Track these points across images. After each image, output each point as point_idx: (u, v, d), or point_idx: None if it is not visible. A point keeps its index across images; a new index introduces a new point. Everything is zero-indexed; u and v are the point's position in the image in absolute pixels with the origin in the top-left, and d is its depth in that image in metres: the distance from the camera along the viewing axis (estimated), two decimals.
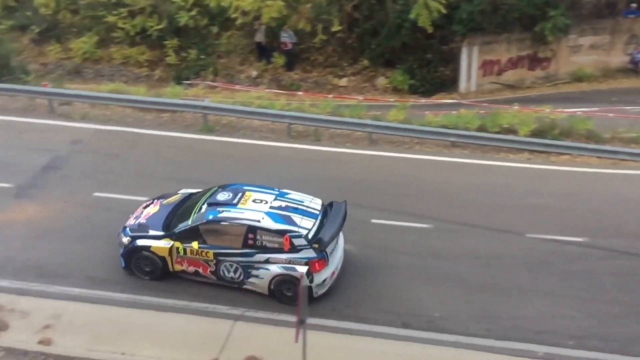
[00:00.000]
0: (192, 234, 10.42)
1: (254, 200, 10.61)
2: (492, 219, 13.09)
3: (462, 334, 10.13)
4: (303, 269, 10.04)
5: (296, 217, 10.40)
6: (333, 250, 10.63)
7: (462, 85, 23.99)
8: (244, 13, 22.64)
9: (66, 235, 11.85)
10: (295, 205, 10.70)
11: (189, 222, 10.53)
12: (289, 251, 10.12)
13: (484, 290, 11.10)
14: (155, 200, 11.75)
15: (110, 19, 24.45)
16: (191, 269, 10.64)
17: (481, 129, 17.09)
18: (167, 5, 24.73)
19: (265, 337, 9.87)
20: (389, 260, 11.73)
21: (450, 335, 10.09)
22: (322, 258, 10.21)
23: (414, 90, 23.61)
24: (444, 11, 21.86)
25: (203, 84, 23.04)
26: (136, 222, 11.09)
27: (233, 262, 10.35)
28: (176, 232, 10.55)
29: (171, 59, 24.51)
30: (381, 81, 24.23)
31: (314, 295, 10.29)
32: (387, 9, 23.95)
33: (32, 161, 14.13)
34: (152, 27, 24.26)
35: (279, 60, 24.36)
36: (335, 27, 23.46)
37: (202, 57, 24.47)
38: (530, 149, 16.54)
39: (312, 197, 11.18)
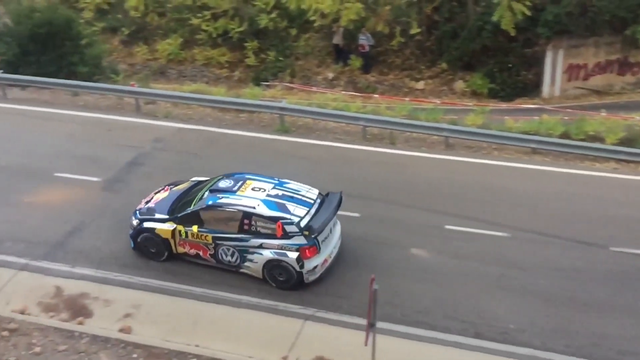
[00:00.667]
0: (193, 218, 10.94)
1: (252, 189, 11.06)
2: (573, 230, 12.51)
3: (538, 349, 9.75)
4: (294, 255, 10.44)
5: (290, 205, 10.76)
6: (326, 238, 10.86)
7: (545, 90, 23.11)
8: (323, 15, 22.83)
9: None
10: (291, 194, 11.05)
11: (191, 207, 11.08)
12: (282, 237, 10.50)
13: (563, 304, 10.63)
14: (167, 187, 12.39)
15: (195, 21, 25.38)
16: (193, 251, 11.15)
17: (565, 135, 16.39)
18: (248, 8, 25.37)
19: (335, 338, 9.90)
20: (463, 268, 11.46)
21: (526, 349, 9.74)
22: (313, 245, 10.51)
23: (493, 95, 23.00)
24: (528, 13, 21.16)
25: (281, 85, 23.47)
26: (145, 206, 11.73)
27: (230, 246, 10.79)
28: (179, 216, 11.10)
29: (250, 60, 25.12)
30: (459, 85, 23.75)
31: (305, 281, 10.70)
32: (469, 11, 23.46)
33: (118, 157, 14.82)
34: (233, 29, 24.98)
35: (355, 62, 24.40)
36: (414, 30, 23.23)
37: (281, 58, 24.91)
38: (618, 158, 15.68)
39: (309, 187, 11.46)
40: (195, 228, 10.90)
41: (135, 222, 11.52)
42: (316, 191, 11.39)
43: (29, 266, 11.25)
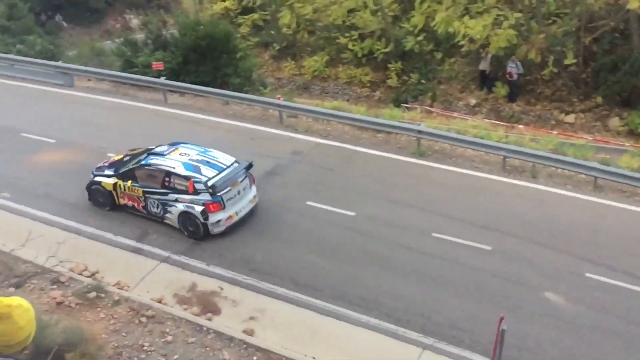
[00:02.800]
0: (129, 174, 13.05)
1: (180, 154, 13.05)
2: None
3: None
4: (199, 208, 12.27)
5: (204, 168, 12.62)
6: (231, 198, 12.55)
7: None
8: (472, 40, 22.36)
9: (276, 238, 12.79)
10: (209, 160, 12.92)
11: (130, 165, 13.17)
12: (192, 193, 12.37)
13: None
14: (127, 152, 14.29)
15: (342, 40, 26.11)
16: (130, 203, 13.17)
17: None
18: (395, 30, 25.62)
19: None
20: (602, 322, 10.52)
21: None
22: (217, 202, 12.30)
23: None
24: None
25: (420, 108, 23.33)
26: (101, 165, 13.85)
27: (155, 199, 12.76)
28: (120, 172, 13.22)
29: (392, 81, 25.26)
30: (615, 122, 22.02)
31: (211, 233, 12.48)
32: (633, 43, 21.73)
33: (258, 165, 15.36)
34: (378, 50, 25.34)
35: (500, 90, 23.59)
36: (569, 60, 21.99)
37: (423, 81, 24.79)
38: None
39: (228, 155, 13.29)
40: (129, 183, 12.98)
41: (91, 177, 13.61)
42: (232, 159, 13.19)
43: (169, 259, 12.12)
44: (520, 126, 21.48)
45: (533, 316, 10.63)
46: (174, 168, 12.59)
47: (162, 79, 19.72)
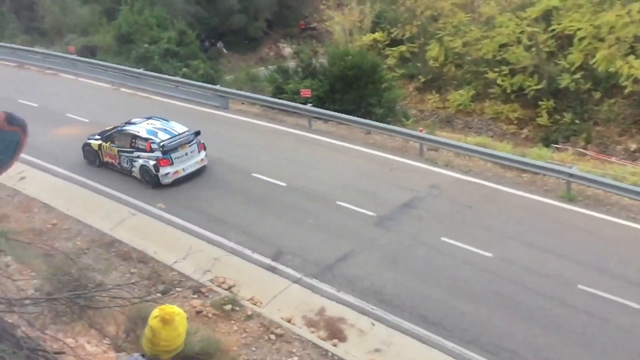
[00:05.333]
0: (109, 137, 16.66)
1: (147, 123, 16.50)
2: None
3: None
4: (152, 163, 15.62)
5: (161, 133, 16.02)
6: (178, 157, 15.79)
7: None
8: (636, 81, 20.66)
9: (408, 271, 12.55)
10: (166, 128, 16.30)
11: (111, 131, 16.79)
12: (149, 151, 15.74)
13: None
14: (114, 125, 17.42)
15: (491, 75, 25.41)
16: (110, 160, 16.70)
17: None
18: (550, 67, 24.47)
19: None
20: None
21: None
22: (167, 158, 15.64)
23: None
24: None
25: (572, 149, 21.91)
26: (94, 133, 17.30)
27: (126, 157, 16.21)
28: (104, 136, 16.82)
29: (542, 120, 24.07)
30: None
31: (161, 183, 15.74)
32: None
33: (395, 196, 15.44)
34: (530, 86, 24.33)
35: None
36: None
37: (577, 121, 23.35)
38: None
39: (182, 125, 16.61)
40: (108, 144, 16.55)
41: (85, 140, 17.25)
42: (185, 128, 16.43)
43: (301, 281, 12.37)
44: None
45: None
46: (139, 132, 16.11)
47: (309, 106, 20.43)
